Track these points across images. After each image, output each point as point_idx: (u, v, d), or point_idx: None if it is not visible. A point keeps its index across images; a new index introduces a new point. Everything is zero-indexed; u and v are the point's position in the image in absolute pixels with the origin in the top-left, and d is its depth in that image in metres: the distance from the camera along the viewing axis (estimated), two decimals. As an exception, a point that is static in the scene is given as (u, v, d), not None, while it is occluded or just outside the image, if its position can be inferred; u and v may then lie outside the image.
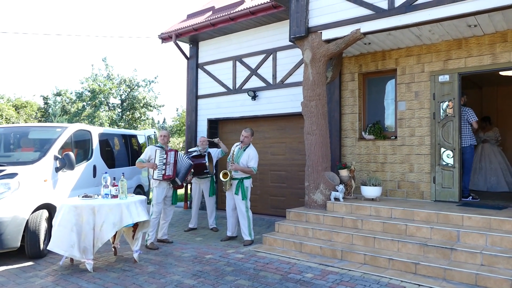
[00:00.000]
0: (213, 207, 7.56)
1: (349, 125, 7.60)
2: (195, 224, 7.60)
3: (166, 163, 6.16)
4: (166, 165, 6.16)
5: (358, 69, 7.52)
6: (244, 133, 6.29)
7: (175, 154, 6.33)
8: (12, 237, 5.14)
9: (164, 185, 6.27)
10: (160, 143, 6.42)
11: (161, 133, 6.48)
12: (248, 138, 6.28)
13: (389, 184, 7.08)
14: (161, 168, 6.15)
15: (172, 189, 6.43)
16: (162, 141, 6.39)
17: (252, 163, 6.20)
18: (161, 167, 6.14)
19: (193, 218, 7.58)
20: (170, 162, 6.19)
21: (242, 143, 6.30)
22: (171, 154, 6.26)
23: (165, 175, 6.15)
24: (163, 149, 6.29)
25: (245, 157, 6.22)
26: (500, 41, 6.13)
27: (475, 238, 4.83)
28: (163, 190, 6.29)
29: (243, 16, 8.58)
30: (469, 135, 6.70)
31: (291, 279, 4.55)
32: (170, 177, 6.21)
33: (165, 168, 6.15)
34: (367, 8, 5.99)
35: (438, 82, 6.61)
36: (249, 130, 6.32)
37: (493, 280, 4.15)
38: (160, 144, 6.40)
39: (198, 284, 4.41)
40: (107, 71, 25.64)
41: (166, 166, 6.16)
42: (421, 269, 4.57)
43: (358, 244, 5.41)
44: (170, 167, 6.20)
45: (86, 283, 4.48)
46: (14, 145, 6.66)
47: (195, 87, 10.24)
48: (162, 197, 6.28)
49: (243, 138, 6.27)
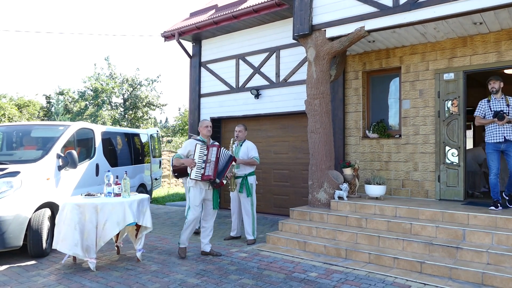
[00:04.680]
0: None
1: (353, 124, 7.56)
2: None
3: (207, 160, 5.27)
4: (206, 162, 5.27)
5: (362, 67, 7.47)
6: (237, 128, 6.46)
7: (218, 150, 5.37)
8: (14, 236, 5.12)
9: (201, 185, 5.39)
10: (200, 136, 5.55)
11: (204, 123, 5.52)
12: (242, 132, 6.43)
13: (393, 183, 7.04)
14: (200, 166, 5.26)
15: (212, 190, 5.49)
16: (206, 134, 5.51)
17: (252, 153, 6.31)
18: (201, 165, 5.26)
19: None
20: (211, 159, 5.29)
21: (237, 139, 6.43)
22: (213, 151, 5.34)
23: (204, 175, 5.26)
24: (204, 143, 5.40)
25: (244, 149, 6.32)
26: (506, 39, 6.08)
27: (481, 237, 4.78)
28: (201, 191, 5.40)
29: (246, 14, 8.54)
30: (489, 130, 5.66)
31: (296, 278, 4.52)
32: (210, 177, 5.30)
33: (204, 167, 5.27)
34: (371, 6, 5.94)
35: (443, 80, 6.57)
36: (241, 126, 6.48)
37: (499, 279, 4.10)
38: (201, 137, 5.52)
39: (201, 283, 4.38)
40: (109, 70, 25.67)
41: (206, 164, 5.27)
42: (427, 268, 4.53)
43: (362, 243, 5.37)
44: (211, 166, 5.29)
45: (89, 282, 4.45)
46: (17, 144, 6.64)
47: (198, 86, 10.21)
48: (200, 199, 5.40)
49: (238, 133, 6.43)
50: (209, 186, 5.43)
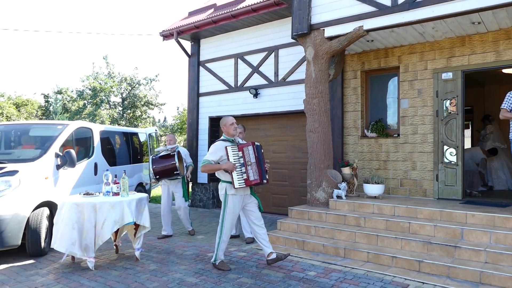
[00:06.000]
0: (186, 211, 6.74)
1: (351, 123, 7.57)
2: (170, 231, 6.71)
3: (245, 163, 4.56)
4: (246, 165, 4.56)
5: (361, 66, 7.48)
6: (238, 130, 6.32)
7: (254, 149, 4.67)
8: (13, 235, 5.11)
9: (243, 191, 4.69)
10: (225, 136, 4.81)
11: (229, 120, 4.80)
12: (242, 134, 6.30)
13: (391, 182, 7.05)
14: (241, 171, 4.54)
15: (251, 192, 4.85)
16: (233, 133, 4.78)
17: None
18: (240, 169, 4.55)
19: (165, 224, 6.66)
20: (251, 161, 4.57)
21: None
22: (248, 150, 4.62)
23: (249, 180, 4.54)
24: (233, 143, 4.73)
25: None
26: (504, 38, 6.09)
27: (479, 236, 4.79)
28: (241, 198, 4.70)
29: (244, 14, 8.54)
30: None
31: (294, 277, 4.52)
32: (258, 182, 4.58)
33: (246, 171, 4.54)
34: (370, 5, 5.95)
35: (441, 80, 6.58)
36: (241, 127, 6.35)
37: (497, 277, 4.12)
38: (226, 137, 4.80)
39: (200, 282, 4.38)
40: (108, 69, 25.60)
41: (247, 167, 4.56)
42: (425, 266, 4.54)
43: (361, 242, 5.38)
44: (253, 168, 4.58)
45: (87, 281, 4.45)
46: (15, 143, 6.63)
47: (196, 85, 10.21)
48: (240, 208, 4.75)
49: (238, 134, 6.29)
50: (248, 190, 4.81)
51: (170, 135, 6.83)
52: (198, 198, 10.07)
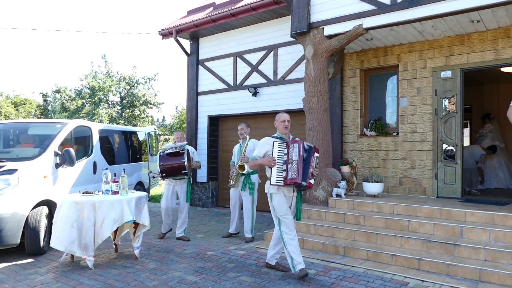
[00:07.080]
0: (186, 214, 6.49)
1: (350, 122, 7.57)
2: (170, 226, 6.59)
3: (288, 160, 4.31)
4: (288, 163, 4.31)
5: (360, 65, 7.48)
6: (239, 127, 6.37)
7: (300, 147, 4.37)
8: (12, 234, 5.10)
9: (285, 191, 4.45)
10: (278, 133, 4.60)
11: (281, 117, 4.55)
12: (244, 129, 6.30)
13: (391, 180, 7.06)
14: (281, 168, 4.32)
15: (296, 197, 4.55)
16: (282, 130, 4.54)
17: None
18: (281, 166, 4.32)
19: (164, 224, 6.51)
20: (292, 159, 4.32)
21: (241, 136, 6.32)
22: (294, 148, 4.35)
23: (287, 178, 4.28)
24: (283, 140, 4.50)
25: (251, 147, 6.10)
26: (503, 37, 6.10)
27: (478, 234, 4.80)
28: (285, 198, 4.45)
29: (244, 12, 8.53)
30: None
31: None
32: (295, 181, 4.29)
33: (286, 168, 4.30)
34: (369, 3, 5.95)
35: (440, 78, 6.58)
36: (243, 123, 6.35)
37: (497, 275, 4.12)
38: (278, 134, 4.59)
39: (200, 281, 4.38)
40: (106, 68, 25.55)
41: (288, 164, 4.30)
42: (424, 265, 4.55)
43: (360, 240, 5.38)
44: (293, 166, 4.30)
45: (87, 279, 4.44)
46: (14, 141, 6.61)
47: (195, 84, 10.19)
48: (287, 206, 4.44)
49: (240, 131, 6.34)
50: (294, 192, 4.51)
51: (179, 132, 6.58)
52: (197, 197, 10.06)
